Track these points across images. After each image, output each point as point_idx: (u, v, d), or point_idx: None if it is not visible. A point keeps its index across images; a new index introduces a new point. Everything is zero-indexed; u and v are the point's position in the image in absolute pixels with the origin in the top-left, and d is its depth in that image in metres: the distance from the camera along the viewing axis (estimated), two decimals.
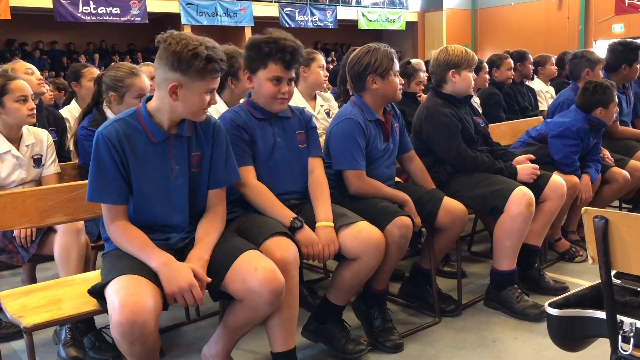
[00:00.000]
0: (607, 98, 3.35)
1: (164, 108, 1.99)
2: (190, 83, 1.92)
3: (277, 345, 2.15)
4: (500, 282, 2.88)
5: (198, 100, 1.96)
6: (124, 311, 1.71)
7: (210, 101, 2.00)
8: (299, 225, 2.24)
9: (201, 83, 1.93)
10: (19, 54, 15.27)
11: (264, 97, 2.35)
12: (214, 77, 1.96)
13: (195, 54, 1.88)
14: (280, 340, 2.14)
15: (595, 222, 1.52)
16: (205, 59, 1.89)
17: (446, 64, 2.98)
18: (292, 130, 2.45)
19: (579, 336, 1.72)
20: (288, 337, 2.15)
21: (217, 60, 1.92)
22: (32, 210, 2.26)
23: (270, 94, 2.33)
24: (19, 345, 2.76)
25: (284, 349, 2.15)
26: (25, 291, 2.13)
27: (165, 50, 1.91)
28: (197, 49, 1.88)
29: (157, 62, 1.96)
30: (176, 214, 2.09)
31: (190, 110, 1.98)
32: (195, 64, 1.88)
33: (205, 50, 1.89)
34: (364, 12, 21.63)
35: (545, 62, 5.38)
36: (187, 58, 1.88)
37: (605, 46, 4.32)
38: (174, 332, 2.87)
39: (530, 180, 2.92)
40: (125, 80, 2.85)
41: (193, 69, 1.89)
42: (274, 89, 2.32)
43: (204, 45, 1.91)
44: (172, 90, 1.93)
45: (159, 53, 1.94)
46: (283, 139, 2.41)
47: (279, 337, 2.14)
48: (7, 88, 2.67)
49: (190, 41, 1.90)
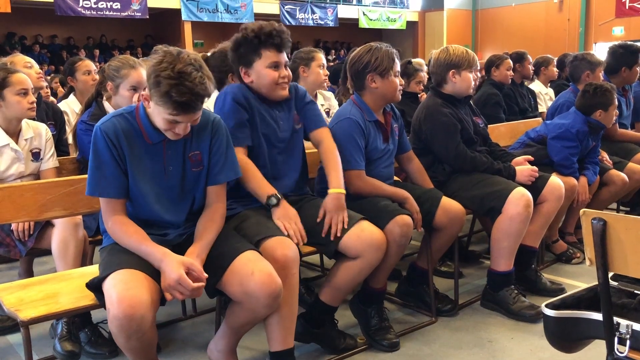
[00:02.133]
0: (607, 100, 3.35)
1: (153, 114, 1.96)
2: (155, 101, 1.86)
3: (276, 344, 2.14)
4: (497, 282, 2.89)
5: (161, 121, 1.91)
6: (121, 305, 1.71)
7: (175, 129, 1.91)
8: (275, 203, 2.23)
9: (163, 108, 1.86)
10: (18, 47, 15.28)
11: (266, 86, 2.34)
12: (175, 113, 1.85)
13: (158, 82, 1.81)
14: (279, 339, 2.13)
15: (594, 224, 1.52)
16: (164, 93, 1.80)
17: (446, 64, 2.98)
18: (289, 114, 2.46)
19: (575, 337, 1.73)
20: (287, 336, 2.14)
21: (179, 103, 1.82)
22: (30, 204, 2.26)
23: (272, 80, 2.32)
24: (15, 338, 2.76)
25: (283, 348, 2.14)
26: (22, 285, 2.13)
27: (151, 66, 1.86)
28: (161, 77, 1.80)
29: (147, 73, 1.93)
30: (169, 212, 2.09)
31: (159, 125, 1.94)
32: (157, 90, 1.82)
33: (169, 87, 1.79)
34: (364, 11, 21.62)
35: (548, 63, 5.38)
36: (154, 81, 1.82)
37: (605, 49, 4.33)
38: (170, 328, 2.87)
39: (529, 182, 2.92)
40: (121, 71, 2.85)
41: (154, 92, 1.84)
42: (274, 75, 2.32)
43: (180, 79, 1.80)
44: (144, 97, 1.91)
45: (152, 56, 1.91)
46: (285, 122, 2.42)
47: (278, 335, 2.13)
48: (7, 81, 2.67)
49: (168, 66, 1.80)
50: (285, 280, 2.01)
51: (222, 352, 2.23)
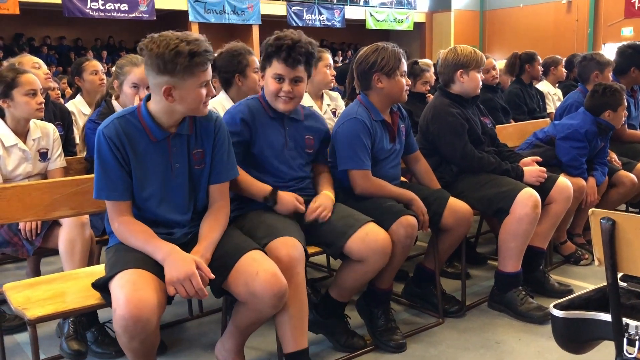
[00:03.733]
0: (616, 101, 3.33)
1: (163, 110, 1.98)
2: (182, 82, 1.91)
3: (289, 345, 2.13)
4: (505, 283, 2.87)
5: (195, 95, 1.95)
6: (128, 306, 1.71)
7: (208, 93, 1.99)
8: (272, 204, 2.30)
9: (192, 79, 1.92)
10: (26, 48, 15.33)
11: (268, 94, 2.39)
12: (203, 70, 1.93)
13: (178, 52, 1.86)
14: (292, 339, 2.12)
15: (603, 224, 1.51)
16: (188, 54, 1.87)
17: (454, 64, 2.97)
18: (302, 134, 2.47)
19: (583, 338, 1.71)
20: (299, 336, 2.12)
21: (201, 53, 1.90)
22: (37, 204, 2.27)
23: (272, 91, 2.36)
24: (22, 337, 2.77)
25: (296, 349, 2.12)
26: (29, 284, 2.14)
27: (149, 56, 1.90)
28: (178, 47, 1.86)
29: (145, 69, 1.96)
30: (177, 211, 2.09)
31: (190, 107, 1.98)
32: (180, 62, 1.87)
33: (186, 46, 1.87)
34: (371, 12, 21.61)
35: (557, 63, 5.35)
36: (171, 58, 1.86)
37: (614, 49, 4.30)
38: (177, 328, 2.87)
39: (537, 183, 2.90)
40: (124, 68, 2.87)
41: (179, 68, 1.88)
42: (276, 86, 2.34)
43: (185, 41, 1.89)
44: (167, 93, 1.92)
45: (145, 60, 1.93)
46: (293, 140, 2.43)
47: (290, 336, 2.12)
48: (17, 81, 2.68)
49: (170, 40, 1.88)
50: (290, 280, 2.01)
51: (230, 352, 2.24)
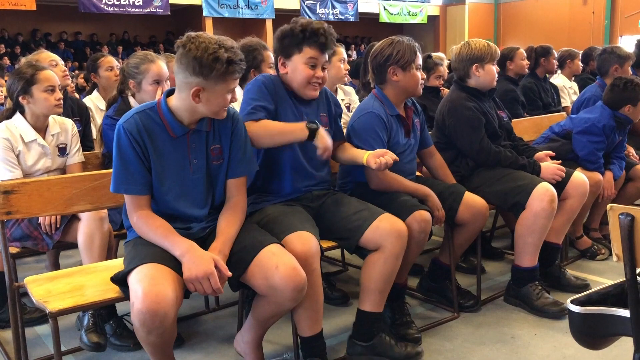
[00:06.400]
0: (636, 96, 3.29)
1: (185, 108, 2.00)
2: (212, 86, 1.94)
3: (304, 331, 2.24)
4: (521, 278, 2.86)
5: (220, 101, 1.98)
6: (146, 300, 1.73)
7: (232, 99, 2.02)
8: (316, 126, 2.23)
9: (223, 85, 1.95)
10: (43, 44, 15.50)
11: (298, 82, 2.35)
12: (234, 78, 1.98)
13: (216, 58, 1.88)
14: (306, 327, 2.23)
15: (621, 219, 1.50)
16: (226, 62, 1.90)
17: (469, 58, 2.95)
18: (317, 112, 2.47)
19: (601, 334, 1.70)
20: (313, 324, 2.23)
21: (237, 62, 1.93)
22: (57, 198, 2.30)
23: (305, 78, 2.33)
24: (42, 330, 2.82)
25: (311, 334, 2.23)
26: (50, 277, 2.18)
27: (186, 56, 1.91)
28: (217, 53, 1.88)
29: (176, 65, 1.96)
30: (195, 206, 2.10)
31: (212, 110, 2.00)
32: (217, 68, 1.89)
33: (225, 54, 1.89)
34: (385, 6, 21.48)
35: (573, 57, 5.29)
36: (209, 63, 1.88)
37: (631, 42, 4.24)
38: (193, 321, 2.90)
39: (553, 181, 2.88)
40: (141, 67, 2.88)
41: (215, 74, 1.90)
42: (309, 73, 2.32)
43: (224, 47, 1.91)
44: (195, 94, 1.94)
45: (179, 57, 1.94)
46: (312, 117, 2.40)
47: (305, 324, 2.22)
48: (35, 78, 2.71)
49: (210, 44, 1.89)
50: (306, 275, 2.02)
51: (248, 344, 2.26)
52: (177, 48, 1.94)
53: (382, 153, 2.31)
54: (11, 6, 14.20)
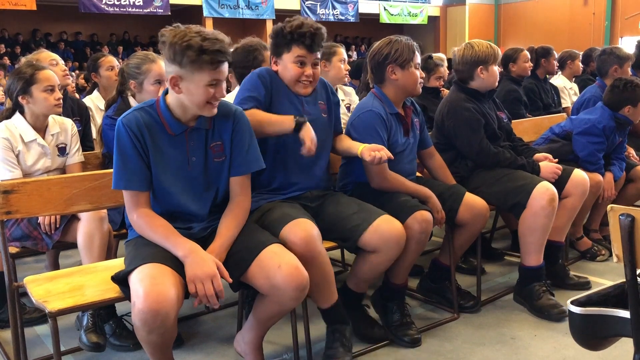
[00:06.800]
0: (636, 96, 3.29)
1: (177, 104, 1.99)
2: (189, 75, 1.90)
3: (322, 304, 2.32)
4: (528, 277, 2.86)
5: (201, 92, 1.93)
6: (147, 300, 1.73)
7: (215, 94, 1.95)
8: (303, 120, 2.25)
9: (200, 75, 1.90)
10: (43, 44, 15.49)
11: (288, 80, 2.40)
12: (211, 69, 1.90)
13: (189, 45, 1.86)
14: (323, 299, 2.30)
15: (621, 219, 1.50)
16: (197, 50, 1.85)
17: (474, 61, 2.93)
18: (315, 100, 2.48)
19: (601, 335, 1.70)
20: (329, 297, 2.30)
21: (213, 52, 1.87)
22: (56, 198, 2.30)
23: (294, 76, 2.37)
24: (42, 330, 2.81)
25: (328, 306, 2.31)
26: (49, 277, 2.17)
27: (163, 44, 1.91)
28: (190, 41, 1.86)
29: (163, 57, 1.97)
30: (194, 203, 2.10)
31: (194, 102, 1.96)
32: (188, 55, 1.86)
33: (200, 42, 1.85)
34: (385, 6, 21.48)
35: (574, 57, 5.29)
36: (181, 50, 1.87)
37: (632, 43, 4.24)
38: (193, 321, 2.89)
39: (552, 180, 2.88)
40: (142, 67, 2.88)
41: (187, 60, 1.87)
42: (298, 71, 2.36)
43: (202, 36, 1.87)
44: (173, 83, 1.93)
45: (160, 47, 1.94)
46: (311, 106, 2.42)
47: (321, 297, 2.29)
48: (35, 78, 2.71)
49: (188, 33, 1.88)
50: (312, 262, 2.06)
51: (249, 344, 2.26)
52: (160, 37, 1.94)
53: (377, 148, 2.33)
54: (11, 6, 14.20)
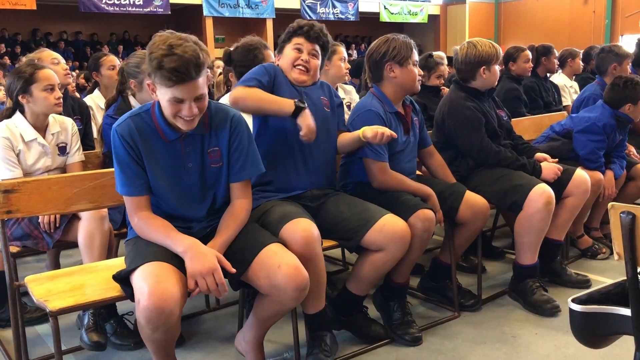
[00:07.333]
0: (637, 94, 3.29)
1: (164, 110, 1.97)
2: (157, 86, 1.89)
3: (309, 309, 2.31)
4: (522, 275, 2.88)
5: (166, 105, 1.90)
6: (152, 297, 1.73)
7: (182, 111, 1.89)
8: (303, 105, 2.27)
9: (161, 88, 1.87)
10: (43, 44, 15.49)
11: (286, 66, 2.46)
12: (169, 86, 1.84)
13: (151, 57, 1.83)
14: (311, 305, 2.28)
15: (622, 217, 1.50)
16: (157, 64, 1.81)
17: (477, 61, 2.91)
18: (317, 95, 2.51)
19: (602, 333, 1.70)
20: (317, 302, 2.29)
21: (170, 70, 1.80)
22: (57, 197, 2.30)
23: (291, 59, 2.44)
24: (42, 329, 2.81)
25: (315, 311, 2.30)
26: (50, 276, 2.18)
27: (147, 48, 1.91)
28: (153, 53, 1.82)
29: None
30: (191, 209, 2.10)
31: (167, 114, 1.94)
32: (151, 65, 1.84)
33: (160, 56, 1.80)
34: (385, 5, 21.47)
35: (574, 55, 5.29)
36: (148, 59, 1.86)
37: (632, 41, 4.24)
38: (194, 320, 2.90)
39: (552, 180, 2.89)
40: (142, 66, 2.87)
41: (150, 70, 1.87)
42: (295, 55, 2.44)
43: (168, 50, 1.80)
44: (151, 89, 1.94)
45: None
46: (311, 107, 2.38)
47: (309, 302, 2.27)
48: (35, 77, 2.71)
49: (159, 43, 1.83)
50: (308, 263, 2.04)
51: (250, 343, 2.26)
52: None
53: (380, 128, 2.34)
54: (11, 6, 14.20)
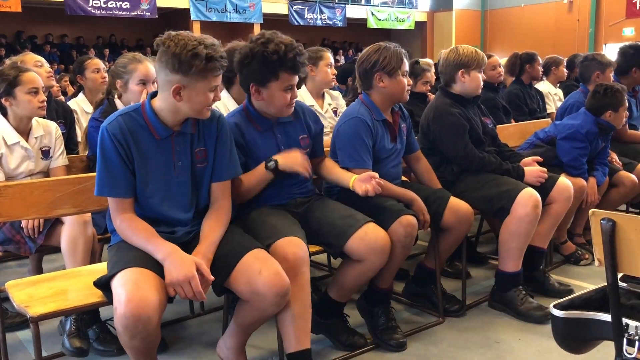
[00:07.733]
0: (617, 101, 3.33)
1: (168, 108, 1.99)
2: (193, 83, 1.92)
3: (292, 345, 2.10)
4: (505, 283, 2.88)
5: (202, 99, 1.96)
6: (129, 305, 1.72)
7: (214, 98, 1.99)
8: (273, 165, 2.26)
9: (203, 82, 1.93)
10: (28, 46, 15.32)
11: (277, 107, 2.30)
12: (215, 75, 1.95)
13: (195, 54, 1.87)
14: (294, 339, 2.09)
15: (603, 224, 1.52)
16: (205, 58, 1.88)
17: (456, 64, 2.97)
18: (296, 135, 2.43)
19: (583, 338, 1.72)
20: (302, 336, 2.10)
21: (217, 59, 1.91)
22: (40, 201, 2.28)
23: (284, 103, 2.28)
24: (24, 335, 2.78)
25: (299, 349, 2.10)
26: (32, 281, 2.15)
27: (165, 53, 1.90)
28: (196, 49, 1.87)
29: (157, 64, 1.96)
30: (179, 209, 2.09)
31: (195, 109, 1.98)
32: (195, 64, 1.88)
33: (204, 50, 1.88)
34: (373, 11, 21.58)
35: (558, 63, 5.35)
36: (187, 59, 1.87)
37: (615, 49, 4.30)
38: (178, 326, 2.88)
39: (537, 183, 2.91)
40: (128, 66, 2.87)
41: (194, 70, 1.89)
42: (288, 97, 2.27)
43: (203, 44, 1.89)
44: (176, 92, 1.93)
45: (159, 56, 1.93)
46: (286, 146, 2.36)
47: (292, 336, 2.09)
48: (18, 80, 2.68)
49: (189, 41, 1.89)
50: (295, 279, 2.02)
51: (232, 350, 2.24)
52: (157, 46, 1.93)
53: (367, 178, 2.33)
54: None
